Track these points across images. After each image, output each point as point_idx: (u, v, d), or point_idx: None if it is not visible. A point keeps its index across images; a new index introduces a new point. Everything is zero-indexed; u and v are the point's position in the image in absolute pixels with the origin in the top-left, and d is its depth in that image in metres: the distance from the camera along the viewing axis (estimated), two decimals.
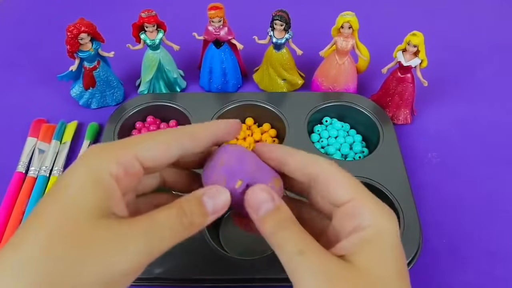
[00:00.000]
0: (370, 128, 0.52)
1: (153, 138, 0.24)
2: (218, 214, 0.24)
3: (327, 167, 0.25)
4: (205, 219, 0.24)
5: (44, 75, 0.61)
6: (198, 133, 0.25)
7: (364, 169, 0.46)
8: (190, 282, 0.39)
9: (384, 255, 0.22)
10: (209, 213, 0.24)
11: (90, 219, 0.20)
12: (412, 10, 0.74)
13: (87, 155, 0.22)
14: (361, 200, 0.23)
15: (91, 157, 0.22)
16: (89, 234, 0.20)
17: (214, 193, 0.24)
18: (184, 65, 0.61)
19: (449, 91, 0.60)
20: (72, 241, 0.20)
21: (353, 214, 0.23)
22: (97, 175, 0.21)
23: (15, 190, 0.47)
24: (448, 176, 0.50)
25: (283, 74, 0.57)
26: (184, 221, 0.22)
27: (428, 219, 0.45)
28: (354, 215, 0.23)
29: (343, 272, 0.21)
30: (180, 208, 0.23)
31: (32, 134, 0.52)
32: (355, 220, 0.23)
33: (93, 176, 0.21)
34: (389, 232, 0.23)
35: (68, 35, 0.49)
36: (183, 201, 0.23)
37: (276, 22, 0.51)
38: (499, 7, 0.76)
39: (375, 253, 0.22)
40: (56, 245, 0.19)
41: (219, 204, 0.24)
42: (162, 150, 0.24)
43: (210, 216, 0.24)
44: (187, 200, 0.23)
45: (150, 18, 0.51)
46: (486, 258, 0.43)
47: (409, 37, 0.49)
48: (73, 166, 0.22)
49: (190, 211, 0.23)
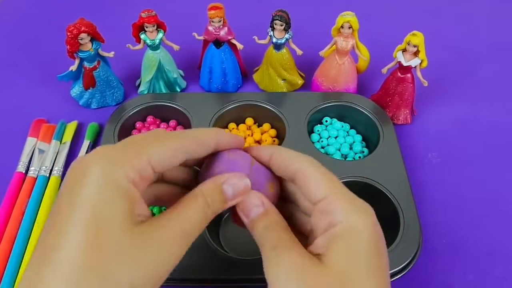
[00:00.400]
0: (370, 128, 0.52)
1: (163, 143, 0.24)
2: (237, 201, 0.25)
3: (304, 165, 0.26)
4: (225, 206, 0.25)
5: (44, 75, 0.61)
6: (205, 140, 0.26)
7: (364, 169, 0.46)
8: (190, 282, 0.39)
9: (353, 250, 0.22)
10: (229, 199, 0.25)
11: (123, 229, 0.20)
12: (412, 10, 0.74)
13: (100, 161, 0.22)
14: (335, 196, 0.24)
15: (107, 163, 0.21)
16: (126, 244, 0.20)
17: (234, 182, 0.25)
18: (184, 65, 0.61)
19: (449, 91, 0.60)
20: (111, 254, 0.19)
21: (327, 211, 0.24)
22: (119, 184, 0.21)
23: (15, 190, 0.47)
24: (448, 176, 0.50)
25: (283, 74, 0.57)
26: (208, 212, 0.24)
27: (428, 219, 0.45)
28: (327, 212, 0.24)
29: (310, 267, 0.22)
30: (205, 200, 0.24)
31: (32, 134, 0.52)
32: (328, 217, 0.23)
33: (115, 184, 0.21)
34: (362, 227, 0.23)
35: (68, 35, 0.49)
36: (205, 191, 0.24)
37: (276, 22, 0.51)
38: (499, 7, 0.76)
39: (344, 248, 0.22)
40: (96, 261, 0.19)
41: (239, 190, 0.25)
42: (171, 155, 0.24)
43: (230, 202, 0.25)
44: (209, 190, 0.24)
45: (150, 18, 0.51)
46: (486, 258, 0.43)
47: (409, 37, 0.49)
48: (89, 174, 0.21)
49: (212, 200, 0.24)
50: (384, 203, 0.44)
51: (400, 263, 0.39)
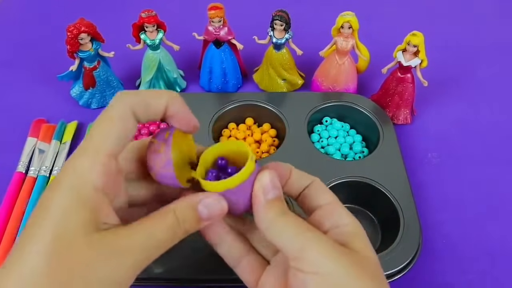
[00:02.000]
0: (370, 128, 0.52)
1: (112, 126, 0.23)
2: (212, 221, 0.25)
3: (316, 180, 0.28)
4: (198, 226, 0.25)
5: (44, 75, 0.61)
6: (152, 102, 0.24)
7: (364, 169, 0.46)
8: (190, 282, 0.39)
9: (368, 244, 0.26)
10: (204, 220, 0.24)
11: (83, 238, 0.21)
12: (412, 10, 0.74)
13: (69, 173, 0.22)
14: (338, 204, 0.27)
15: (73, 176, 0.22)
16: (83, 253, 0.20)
17: (210, 203, 0.24)
18: (184, 65, 0.61)
19: (449, 91, 0.60)
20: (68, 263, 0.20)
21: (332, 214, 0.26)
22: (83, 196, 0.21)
23: (15, 190, 0.47)
24: (448, 176, 0.50)
25: (283, 74, 0.57)
26: (178, 231, 0.23)
27: (428, 219, 0.45)
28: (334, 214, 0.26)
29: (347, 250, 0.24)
30: (175, 218, 0.23)
31: (32, 134, 0.52)
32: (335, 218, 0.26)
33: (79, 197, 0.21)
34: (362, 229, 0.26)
35: (68, 35, 0.49)
36: (178, 210, 0.24)
37: (276, 22, 0.51)
38: (499, 7, 0.76)
39: (363, 241, 0.25)
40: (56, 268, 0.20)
41: (216, 212, 0.25)
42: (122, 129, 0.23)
43: (204, 223, 0.25)
44: (182, 209, 0.24)
45: (150, 18, 0.51)
46: (486, 258, 0.43)
47: (409, 37, 0.49)
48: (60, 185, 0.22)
49: (184, 220, 0.24)
50: (384, 203, 0.44)
51: (400, 263, 0.39)
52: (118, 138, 0.23)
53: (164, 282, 0.39)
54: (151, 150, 0.25)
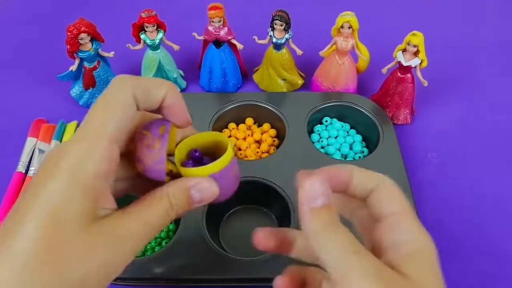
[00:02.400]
0: (370, 128, 0.52)
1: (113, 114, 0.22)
2: (201, 205, 0.25)
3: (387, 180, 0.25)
4: (189, 209, 0.25)
5: (44, 75, 0.61)
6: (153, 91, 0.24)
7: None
8: (190, 282, 0.39)
9: (431, 269, 0.22)
10: (195, 203, 0.25)
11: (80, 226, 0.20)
12: (412, 10, 0.74)
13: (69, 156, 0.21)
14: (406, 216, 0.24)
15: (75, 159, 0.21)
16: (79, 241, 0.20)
17: (204, 188, 0.24)
18: (184, 65, 0.61)
19: (449, 91, 0.60)
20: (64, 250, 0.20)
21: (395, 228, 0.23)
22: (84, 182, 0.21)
23: (15, 190, 0.47)
24: (448, 176, 0.50)
25: (283, 74, 0.57)
26: (171, 214, 0.24)
27: (428, 219, 0.45)
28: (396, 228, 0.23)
29: (397, 278, 0.21)
30: (169, 203, 0.24)
31: (32, 134, 0.52)
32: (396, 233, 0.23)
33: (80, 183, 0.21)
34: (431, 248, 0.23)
35: (68, 35, 0.49)
36: (171, 194, 0.24)
37: (276, 22, 0.51)
38: (499, 7, 0.76)
39: (424, 267, 0.22)
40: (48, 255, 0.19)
41: (207, 198, 0.25)
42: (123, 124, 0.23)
43: (194, 206, 0.25)
44: (175, 193, 0.24)
45: (150, 18, 0.51)
46: (486, 258, 0.43)
47: (409, 37, 0.49)
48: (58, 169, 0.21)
49: (176, 203, 0.24)
50: None
51: None
52: (120, 122, 0.22)
53: (164, 282, 0.39)
54: (143, 144, 0.25)
